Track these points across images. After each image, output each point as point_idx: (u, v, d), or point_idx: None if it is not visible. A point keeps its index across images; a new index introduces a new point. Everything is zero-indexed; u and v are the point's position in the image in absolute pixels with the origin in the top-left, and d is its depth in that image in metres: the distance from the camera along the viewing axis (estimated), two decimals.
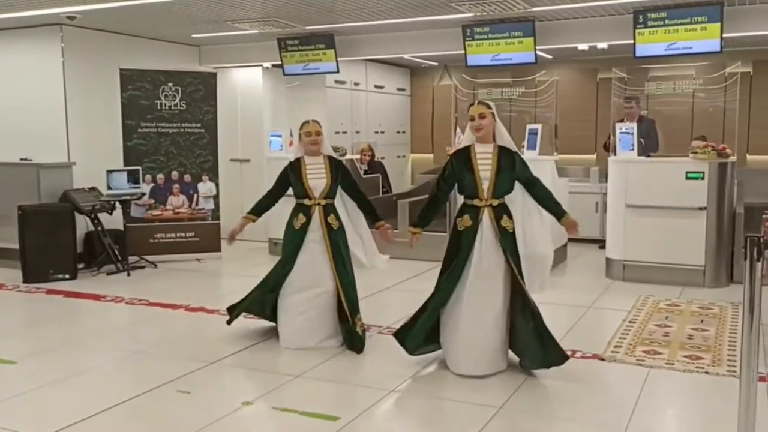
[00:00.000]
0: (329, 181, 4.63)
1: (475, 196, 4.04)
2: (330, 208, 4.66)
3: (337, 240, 4.63)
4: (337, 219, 4.67)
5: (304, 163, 4.70)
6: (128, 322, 5.53)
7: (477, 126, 4.06)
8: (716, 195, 6.28)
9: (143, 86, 7.81)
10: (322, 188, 4.63)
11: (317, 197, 4.63)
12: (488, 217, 4.01)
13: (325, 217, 4.62)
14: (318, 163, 4.69)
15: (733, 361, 4.21)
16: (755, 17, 6.80)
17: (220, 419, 3.48)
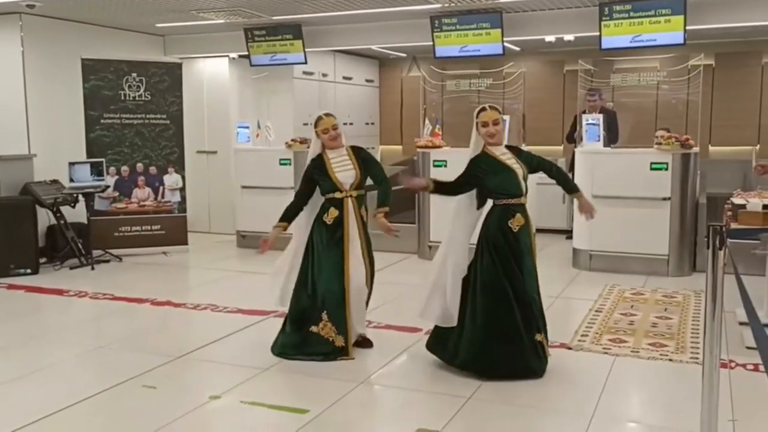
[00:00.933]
0: (358, 171, 4.35)
1: (515, 194, 3.98)
2: (361, 200, 4.42)
3: (366, 231, 4.43)
4: (366, 211, 4.47)
5: (327, 157, 4.41)
6: (92, 317, 5.43)
7: (492, 132, 4.02)
8: (680, 185, 6.39)
9: (106, 76, 7.65)
10: (353, 180, 4.34)
11: (348, 190, 4.35)
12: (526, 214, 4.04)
13: (359, 209, 4.39)
14: (342, 155, 4.41)
15: (696, 349, 4.29)
16: (718, 10, 6.91)
17: (186, 414, 3.44)
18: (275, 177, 7.98)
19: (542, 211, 8.19)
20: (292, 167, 7.92)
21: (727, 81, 9.48)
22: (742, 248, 6.04)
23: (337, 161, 4.40)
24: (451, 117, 10.62)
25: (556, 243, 8.14)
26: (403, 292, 5.97)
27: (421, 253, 7.42)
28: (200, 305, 5.55)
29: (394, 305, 5.47)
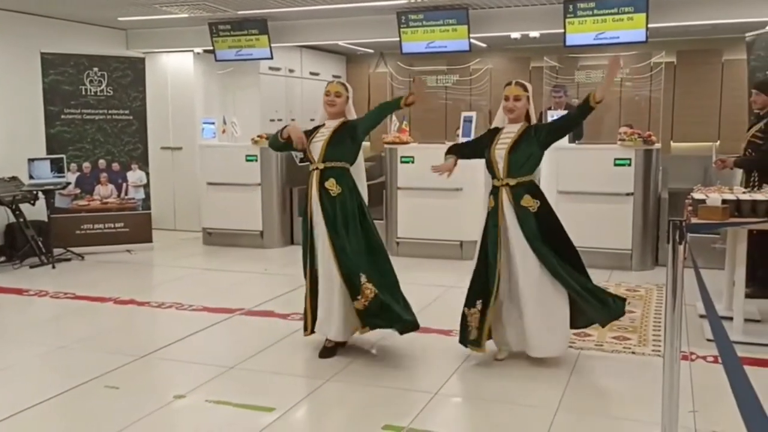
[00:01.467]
0: (325, 144, 4.17)
1: (494, 176, 3.97)
2: (330, 172, 4.17)
3: (332, 206, 4.12)
4: (338, 185, 4.14)
5: (321, 128, 4.31)
6: (53, 317, 5.31)
7: (510, 107, 3.95)
8: (642, 181, 6.48)
9: (66, 71, 7.49)
10: (318, 152, 4.18)
11: (316, 161, 4.20)
12: (507, 196, 3.92)
13: (321, 182, 4.17)
14: (329, 128, 4.25)
15: (657, 341, 4.37)
16: (679, 8, 7.04)
17: (150, 414, 3.39)
18: (241, 173, 7.91)
19: None
20: (258, 163, 7.86)
21: (688, 78, 9.67)
22: (703, 242, 6.17)
23: (321, 132, 4.28)
24: (419, 113, 10.63)
25: None
26: None
27: (389, 249, 7.39)
28: (165, 304, 5.47)
29: None
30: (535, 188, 3.99)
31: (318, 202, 4.16)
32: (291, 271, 6.81)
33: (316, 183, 4.19)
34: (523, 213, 3.90)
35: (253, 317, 5.11)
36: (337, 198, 4.14)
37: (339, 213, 4.13)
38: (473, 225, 7.01)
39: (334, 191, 4.16)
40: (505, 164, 3.90)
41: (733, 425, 3.13)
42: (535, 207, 3.92)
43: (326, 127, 4.31)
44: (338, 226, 4.11)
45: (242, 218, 7.95)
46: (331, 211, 4.13)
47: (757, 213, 4.26)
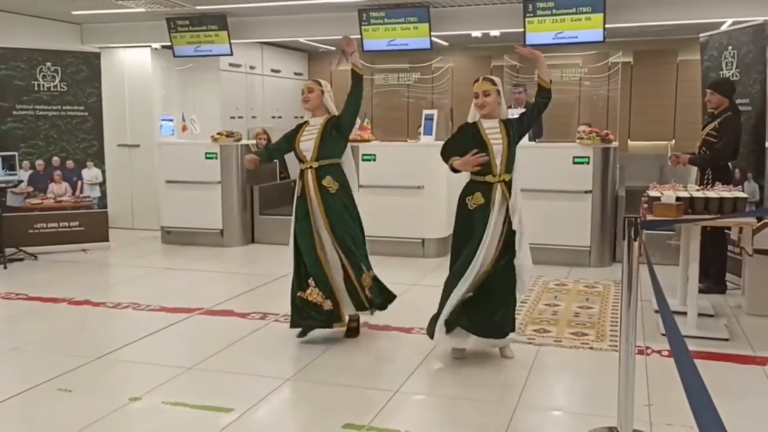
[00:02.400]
0: (318, 142, 4.28)
1: (488, 172, 3.91)
2: (325, 170, 4.30)
3: (334, 203, 4.29)
4: (335, 181, 4.30)
5: (306, 125, 4.40)
6: (4, 318, 5.15)
7: (481, 103, 3.96)
8: (600, 179, 6.58)
9: (18, 66, 7.28)
10: (311, 151, 4.28)
11: (309, 160, 4.30)
12: (501, 192, 3.92)
13: (318, 181, 4.28)
14: (316, 123, 4.36)
15: (615, 337, 4.43)
16: (636, 9, 7.16)
17: (104, 417, 3.31)
18: (201, 171, 7.79)
19: None
20: (218, 161, 7.76)
21: (644, 78, 9.86)
22: (658, 239, 6.30)
23: (308, 129, 4.38)
24: (381, 111, 10.66)
25: None
26: None
27: None
28: (121, 304, 5.36)
29: None
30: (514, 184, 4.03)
31: (320, 201, 4.28)
32: (251, 270, 6.75)
33: (314, 182, 4.29)
34: (512, 208, 3.96)
35: (212, 317, 5.04)
36: (336, 195, 4.30)
37: (339, 207, 4.30)
38: (435, 223, 7.07)
39: (332, 188, 4.30)
40: (505, 160, 3.91)
41: (686, 418, 3.19)
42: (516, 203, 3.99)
43: (311, 124, 4.40)
44: (339, 221, 4.30)
45: (202, 217, 7.84)
46: (333, 207, 4.29)
47: (710, 210, 4.35)
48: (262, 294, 5.75)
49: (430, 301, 5.63)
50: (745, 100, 5.67)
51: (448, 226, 7.25)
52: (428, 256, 7.08)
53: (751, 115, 5.60)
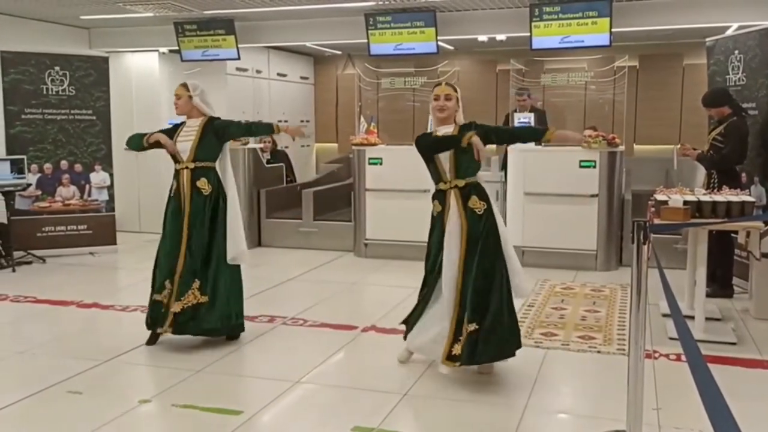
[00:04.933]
0: (195, 143, 4.36)
1: (440, 179, 3.88)
2: (201, 172, 4.37)
3: (203, 206, 4.33)
4: (210, 184, 4.36)
5: (183, 126, 4.50)
6: (13, 321, 5.18)
7: (441, 106, 3.86)
8: (607, 182, 6.59)
9: (27, 70, 7.32)
10: (188, 152, 4.36)
11: (185, 160, 4.38)
12: (455, 199, 3.81)
13: (192, 181, 4.35)
14: (193, 125, 4.44)
15: (622, 340, 4.44)
16: (642, 13, 7.17)
17: (115, 419, 3.33)
18: None
19: None
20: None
21: (650, 82, 9.85)
22: (665, 243, 6.30)
23: (185, 131, 4.47)
24: (387, 114, 10.67)
25: None
26: (338, 290, 5.96)
27: (357, 251, 7.41)
28: (129, 307, 5.38)
29: (329, 303, 5.44)
30: (481, 189, 3.89)
31: (189, 202, 4.35)
32: (258, 273, 6.76)
33: (188, 182, 4.36)
34: (470, 213, 3.80)
35: None
36: (208, 197, 4.37)
37: (207, 211, 4.35)
38: None
39: (206, 190, 4.38)
40: (453, 166, 3.81)
41: (695, 421, 3.20)
42: (481, 208, 3.81)
43: (189, 126, 4.47)
44: (200, 224, 4.33)
45: None
46: (200, 209, 4.34)
47: (717, 214, 4.36)
48: (269, 297, 5.77)
49: None
50: (752, 104, 5.67)
51: None
52: None
53: (757, 119, 5.60)
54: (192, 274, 4.30)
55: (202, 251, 4.32)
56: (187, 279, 4.29)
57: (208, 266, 4.33)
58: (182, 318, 4.27)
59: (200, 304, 4.29)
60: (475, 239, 3.75)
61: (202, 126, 4.42)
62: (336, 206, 8.24)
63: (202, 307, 4.29)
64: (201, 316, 4.29)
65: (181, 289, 4.28)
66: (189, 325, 4.29)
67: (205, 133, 4.40)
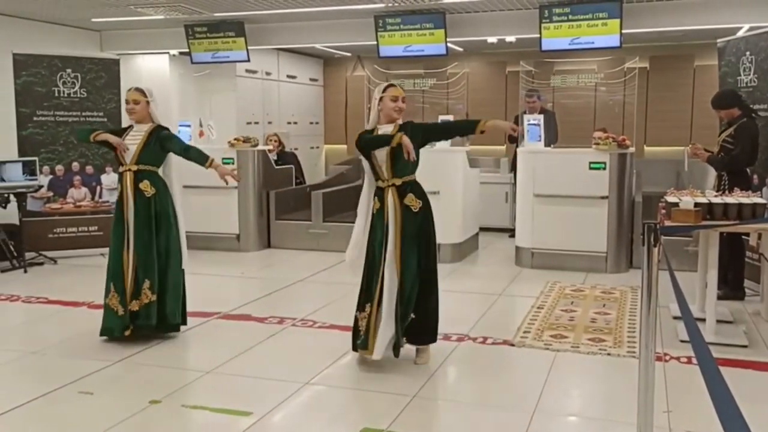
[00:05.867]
0: (140, 148, 4.48)
1: (378, 177, 3.99)
2: (144, 174, 4.49)
3: (146, 207, 4.46)
4: (153, 186, 4.49)
5: (130, 129, 4.61)
6: (24, 322, 5.22)
7: (400, 107, 3.99)
8: (617, 184, 6.56)
9: (39, 72, 7.38)
10: (131, 156, 4.48)
11: (128, 162, 4.49)
12: (392, 197, 3.94)
13: (135, 183, 4.47)
14: (140, 130, 4.56)
15: (632, 343, 4.42)
16: (652, 14, 7.15)
17: (125, 420, 3.34)
18: (217, 176, 7.82)
19: (486, 209, 8.31)
20: (234, 166, 7.80)
21: (661, 83, 9.81)
22: (676, 245, 6.27)
23: (132, 135, 4.56)
24: None
25: (499, 241, 8.27)
26: (347, 291, 5.95)
27: None
28: None
29: (338, 305, 5.45)
30: (419, 188, 4.00)
31: (133, 202, 4.46)
32: (267, 275, 6.79)
33: (131, 184, 4.48)
34: (406, 210, 3.93)
35: (230, 321, 5.08)
36: (151, 198, 4.49)
37: (150, 212, 4.48)
38: (450, 228, 7.08)
39: (148, 192, 4.50)
40: (389, 165, 3.91)
41: (706, 425, 3.18)
42: (416, 206, 3.93)
43: (136, 130, 4.58)
44: (144, 226, 4.46)
45: (219, 221, 7.90)
46: (143, 210, 4.46)
47: (728, 216, 4.33)
48: (278, 298, 5.79)
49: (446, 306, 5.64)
50: (764, 105, 5.63)
51: (463, 232, 7.27)
52: (443, 261, 7.07)
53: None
54: (144, 274, 4.46)
55: (149, 252, 4.47)
56: (139, 280, 4.46)
57: (154, 265, 4.49)
58: (140, 319, 4.46)
59: (151, 303, 4.47)
60: (410, 235, 3.92)
61: (149, 132, 4.55)
62: (345, 208, 8.24)
63: (151, 306, 4.47)
64: (151, 314, 4.46)
65: (135, 290, 4.46)
66: (144, 324, 4.47)
67: (151, 139, 4.53)
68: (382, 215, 3.98)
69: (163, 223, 4.52)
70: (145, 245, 4.46)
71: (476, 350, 4.41)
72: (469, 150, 7.63)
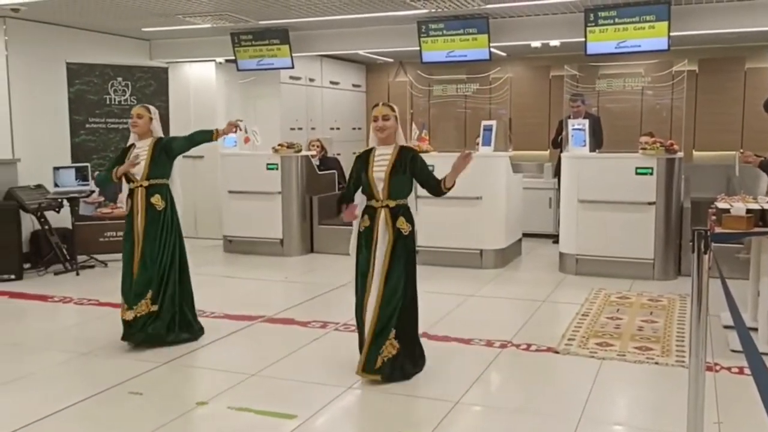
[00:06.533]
0: (148, 162, 4.61)
1: (372, 196, 4.01)
2: (155, 189, 4.64)
3: (155, 221, 4.61)
4: (163, 200, 4.65)
5: (133, 148, 4.74)
6: (76, 323, 5.38)
7: (381, 126, 4.02)
8: (664, 190, 6.43)
9: (91, 81, 7.61)
10: (140, 172, 4.62)
11: (139, 179, 4.62)
12: (384, 217, 3.96)
13: (147, 198, 4.61)
14: (143, 146, 4.69)
15: (681, 352, 4.32)
16: (701, 16, 6.99)
17: (173, 420, 3.42)
18: (262, 182, 7.97)
19: (529, 215, 8.23)
20: (279, 172, 7.92)
21: (710, 86, 9.58)
22: (726, 252, 6.10)
23: (136, 151, 4.69)
24: (438, 122, 10.67)
25: (543, 247, 8.18)
26: None
27: None
28: None
29: None
30: (409, 212, 4.02)
31: (143, 217, 4.61)
32: (311, 279, 6.85)
33: (142, 200, 4.62)
34: (397, 233, 3.95)
35: (274, 325, 5.14)
36: (162, 212, 4.64)
37: (159, 225, 4.62)
38: (493, 234, 7.04)
39: (159, 206, 4.65)
40: (386, 186, 3.94)
41: None
42: (407, 229, 3.96)
43: (139, 147, 4.71)
44: (153, 239, 4.59)
45: (262, 226, 8.01)
46: (153, 224, 4.61)
47: None
48: (321, 303, 5.83)
49: (488, 312, 5.62)
50: None
51: (506, 237, 7.22)
52: (486, 267, 7.05)
53: None
54: (146, 286, 4.56)
55: (155, 264, 4.59)
56: (141, 290, 4.55)
57: (161, 277, 4.60)
58: (133, 327, 4.53)
59: (151, 313, 4.54)
60: (398, 257, 3.94)
61: (152, 146, 4.69)
62: None
63: (151, 317, 4.55)
64: (149, 323, 4.54)
65: (135, 300, 4.55)
66: (136, 334, 4.54)
67: (156, 151, 4.66)
68: (370, 234, 3.98)
69: (170, 237, 4.68)
70: (152, 258, 4.60)
71: (520, 357, 4.37)
72: (512, 155, 7.58)
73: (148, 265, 4.58)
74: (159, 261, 4.60)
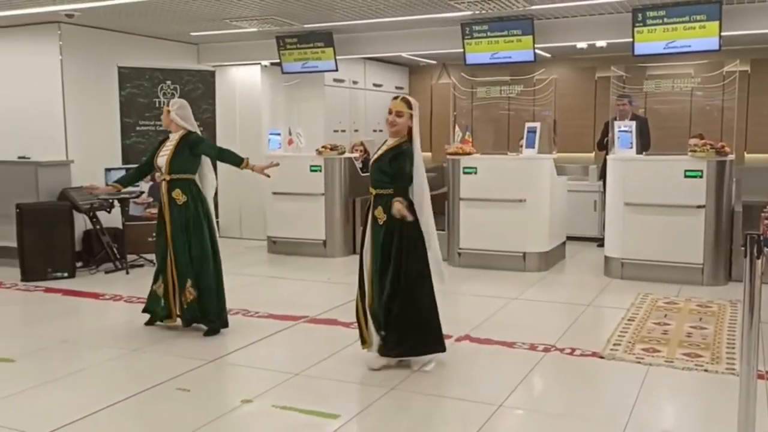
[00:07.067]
0: (170, 156, 4.78)
1: (375, 185, 4.16)
2: (176, 183, 4.80)
3: (179, 215, 4.78)
4: (184, 194, 4.79)
5: (166, 140, 4.94)
6: (127, 320, 5.51)
7: (391, 121, 4.12)
8: (715, 193, 6.28)
9: (141, 84, 7.81)
10: (164, 165, 4.80)
11: (164, 173, 4.79)
12: (371, 206, 4.15)
13: (169, 192, 4.79)
14: (172, 139, 4.88)
15: (732, 359, 4.22)
16: (753, 16, 6.81)
17: (219, 417, 3.48)
18: (306, 183, 8.05)
19: (574, 217, 8.13)
20: (322, 173, 7.99)
21: (763, 87, 9.33)
22: None
23: (166, 145, 4.89)
24: (482, 124, 10.60)
25: (588, 250, 8.07)
26: None
27: (451, 260, 7.39)
28: (232, 310, 5.58)
29: None
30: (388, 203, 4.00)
31: (167, 210, 4.82)
32: (353, 280, 6.84)
33: (166, 193, 4.83)
34: (374, 221, 4.13)
35: (317, 325, 5.19)
36: (183, 206, 4.80)
37: (183, 219, 4.80)
38: (536, 236, 6.98)
39: (180, 200, 4.81)
40: (373, 174, 4.14)
41: None
42: (381, 219, 4.07)
43: (170, 140, 4.90)
44: (179, 232, 4.80)
45: (306, 227, 8.09)
46: (177, 218, 4.80)
47: None
48: None
49: (532, 315, 5.58)
50: None
51: (550, 240, 7.15)
52: (529, 270, 6.99)
53: None
54: (184, 276, 4.83)
55: (185, 254, 4.82)
56: (182, 281, 4.84)
57: (191, 268, 4.84)
58: (188, 314, 4.88)
59: (195, 300, 4.85)
60: (376, 244, 4.11)
61: (178, 140, 4.85)
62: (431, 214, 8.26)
63: (195, 302, 4.85)
64: (195, 309, 4.86)
65: (180, 289, 4.87)
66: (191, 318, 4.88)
67: (180, 146, 4.82)
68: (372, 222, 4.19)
69: (195, 230, 4.82)
70: (181, 250, 4.82)
71: (563, 361, 4.32)
72: (557, 157, 7.50)
73: (180, 257, 4.82)
74: (187, 253, 4.81)
